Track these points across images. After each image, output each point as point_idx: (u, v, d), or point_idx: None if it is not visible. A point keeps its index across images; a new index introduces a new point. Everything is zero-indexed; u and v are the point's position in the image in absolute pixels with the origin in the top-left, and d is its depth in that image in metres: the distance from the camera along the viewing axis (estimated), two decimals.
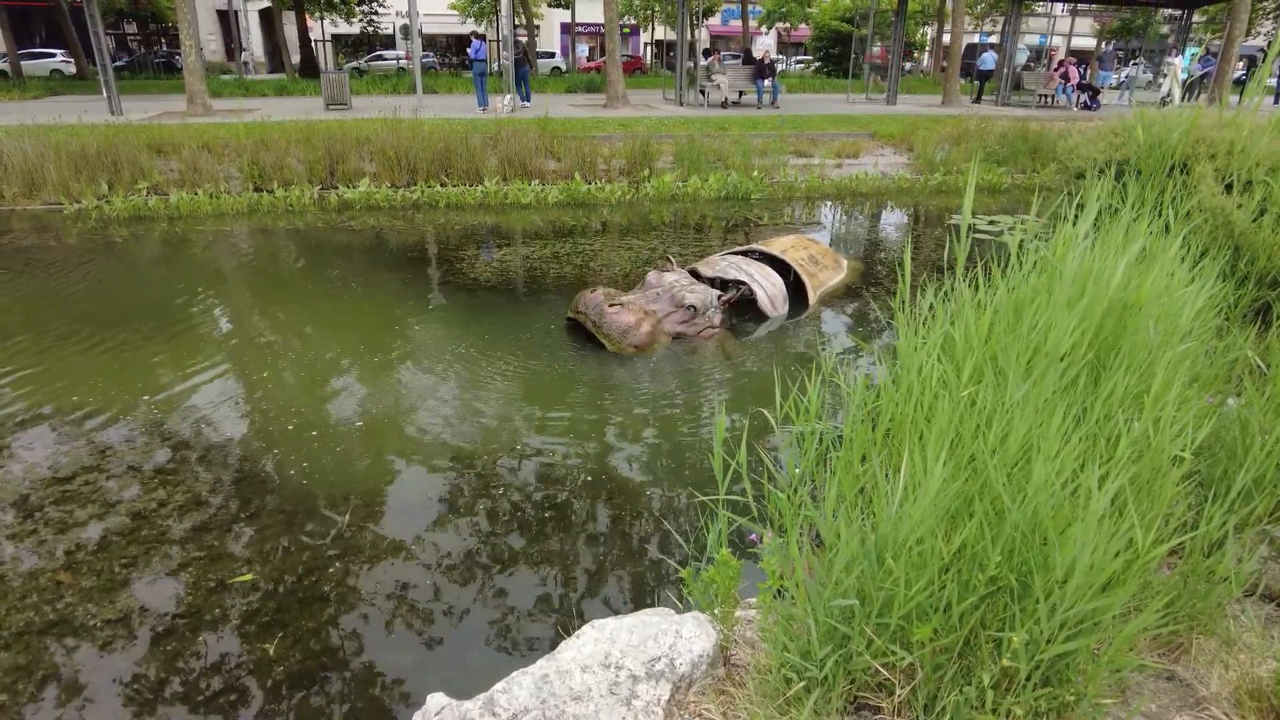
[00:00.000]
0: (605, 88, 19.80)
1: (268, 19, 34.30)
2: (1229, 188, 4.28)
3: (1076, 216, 2.91)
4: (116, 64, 24.05)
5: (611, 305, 5.68)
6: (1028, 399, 2.12)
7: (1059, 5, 31.84)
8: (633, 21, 40.45)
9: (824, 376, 3.51)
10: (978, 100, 23.49)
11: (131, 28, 38.07)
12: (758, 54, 21.65)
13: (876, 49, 30.46)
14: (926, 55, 42.31)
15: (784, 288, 6.74)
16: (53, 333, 6.02)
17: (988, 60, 23.82)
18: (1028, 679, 1.70)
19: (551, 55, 41.19)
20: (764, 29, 35.59)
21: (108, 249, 8.72)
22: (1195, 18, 27.84)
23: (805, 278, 6.91)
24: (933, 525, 1.73)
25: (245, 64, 31.85)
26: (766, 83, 20.53)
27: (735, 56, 30.07)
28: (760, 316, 6.42)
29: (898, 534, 1.73)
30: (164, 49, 34.79)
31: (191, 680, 2.78)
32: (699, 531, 3.59)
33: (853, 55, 27.09)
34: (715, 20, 44.78)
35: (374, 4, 32.23)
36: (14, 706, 2.65)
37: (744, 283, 6.45)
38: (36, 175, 10.47)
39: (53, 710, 2.65)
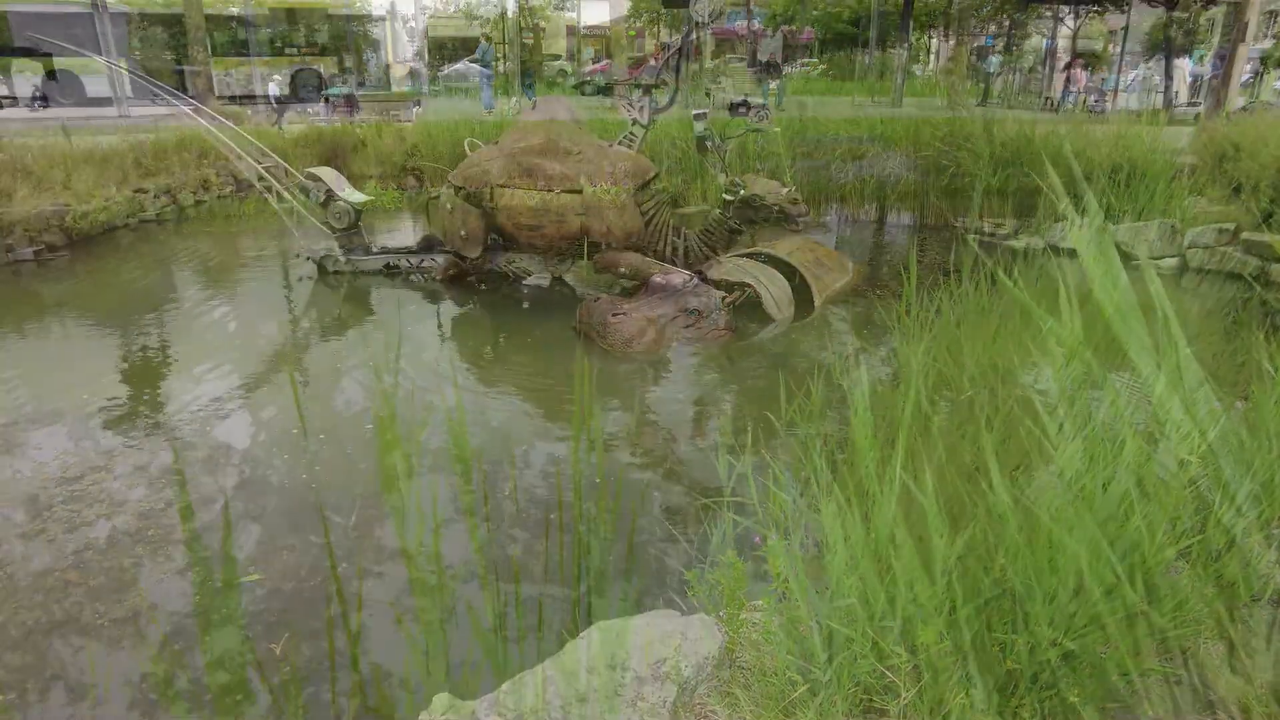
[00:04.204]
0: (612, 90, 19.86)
1: None
2: (1238, 190, 4.28)
3: (1082, 219, 2.91)
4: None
5: (614, 315, 5.68)
6: (1028, 401, 2.11)
7: (1065, 8, 31.67)
8: (638, 25, 40.50)
9: (829, 379, 3.51)
10: (983, 103, 23.44)
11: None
12: (763, 56, 21.63)
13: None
14: (932, 58, 42.19)
15: (790, 290, 6.73)
16: (61, 333, 6.06)
17: (993, 63, 23.76)
18: (1033, 681, 1.70)
19: (557, 58, 41.23)
20: (769, 31, 35.57)
21: (116, 250, 8.76)
22: (1202, 20, 27.72)
23: (811, 280, 6.90)
24: (931, 525, 1.73)
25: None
26: (772, 85, 20.52)
27: (740, 60, 30.05)
28: (766, 319, 6.42)
29: (895, 534, 1.73)
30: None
31: (198, 679, 2.79)
32: (704, 534, 3.59)
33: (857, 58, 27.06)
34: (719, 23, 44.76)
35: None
36: (22, 705, 2.67)
37: (749, 285, 6.45)
38: (46, 177, 10.51)
39: (60, 709, 2.67)
